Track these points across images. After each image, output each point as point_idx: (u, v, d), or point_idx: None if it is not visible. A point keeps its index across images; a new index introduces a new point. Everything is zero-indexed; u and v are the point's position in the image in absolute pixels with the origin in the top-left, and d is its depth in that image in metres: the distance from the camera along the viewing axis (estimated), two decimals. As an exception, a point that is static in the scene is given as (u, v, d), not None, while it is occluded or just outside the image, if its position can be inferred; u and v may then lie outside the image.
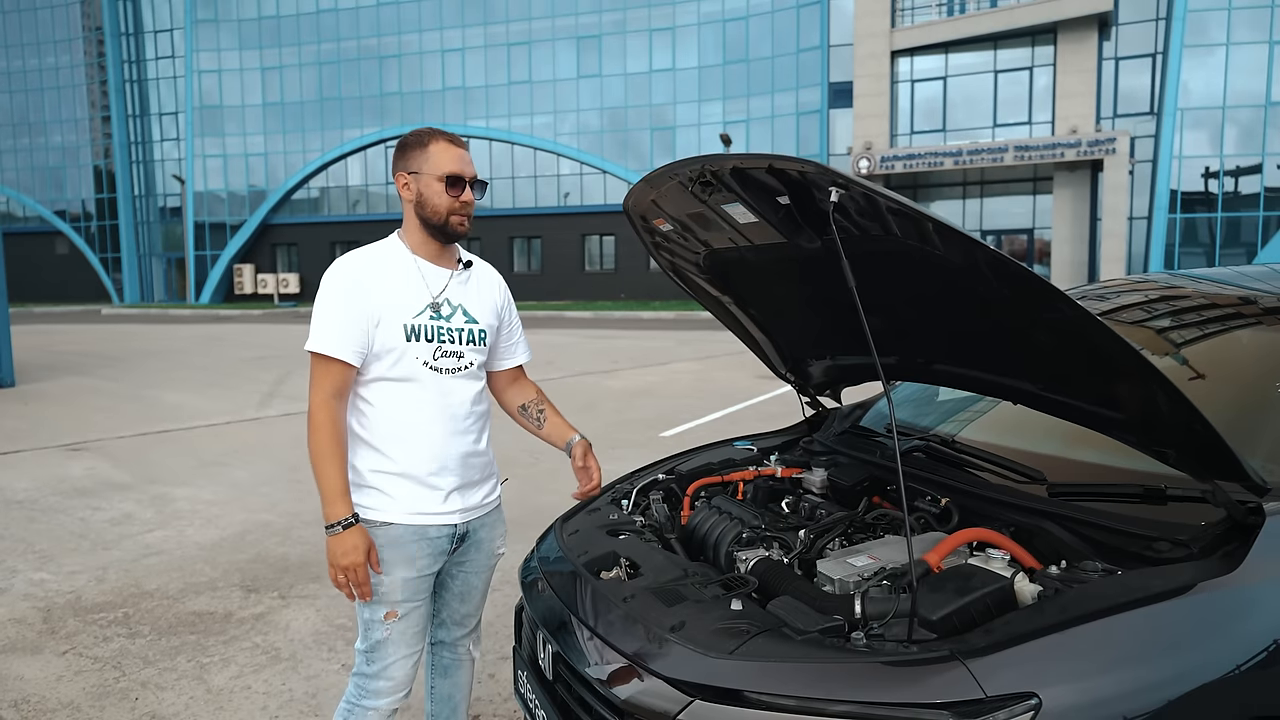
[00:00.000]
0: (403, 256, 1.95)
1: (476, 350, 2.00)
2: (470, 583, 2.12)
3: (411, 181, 1.93)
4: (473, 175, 1.93)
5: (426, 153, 1.91)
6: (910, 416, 2.66)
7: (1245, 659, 1.37)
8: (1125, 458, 1.78)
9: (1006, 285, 1.52)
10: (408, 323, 1.89)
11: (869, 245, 1.66)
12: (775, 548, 1.89)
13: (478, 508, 2.04)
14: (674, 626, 1.53)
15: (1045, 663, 1.31)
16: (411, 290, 1.92)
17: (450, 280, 1.98)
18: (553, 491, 5.15)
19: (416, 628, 1.97)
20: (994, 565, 1.61)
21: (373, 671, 1.95)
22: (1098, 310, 2.58)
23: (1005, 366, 1.90)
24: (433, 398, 1.93)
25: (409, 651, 1.96)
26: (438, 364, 1.93)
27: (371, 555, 1.84)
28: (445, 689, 2.22)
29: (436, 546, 1.96)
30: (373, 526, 1.90)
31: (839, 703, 1.30)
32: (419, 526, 1.92)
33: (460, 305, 1.98)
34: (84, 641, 3.30)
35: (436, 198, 1.90)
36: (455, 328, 1.96)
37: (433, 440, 1.93)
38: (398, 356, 1.89)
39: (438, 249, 1.98)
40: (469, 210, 1.94)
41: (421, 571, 1.94)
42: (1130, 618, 1.38)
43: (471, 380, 2.00)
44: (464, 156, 1.93)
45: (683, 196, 1.94)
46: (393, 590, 1.91)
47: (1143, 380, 1.47)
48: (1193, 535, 1.57)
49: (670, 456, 2.66)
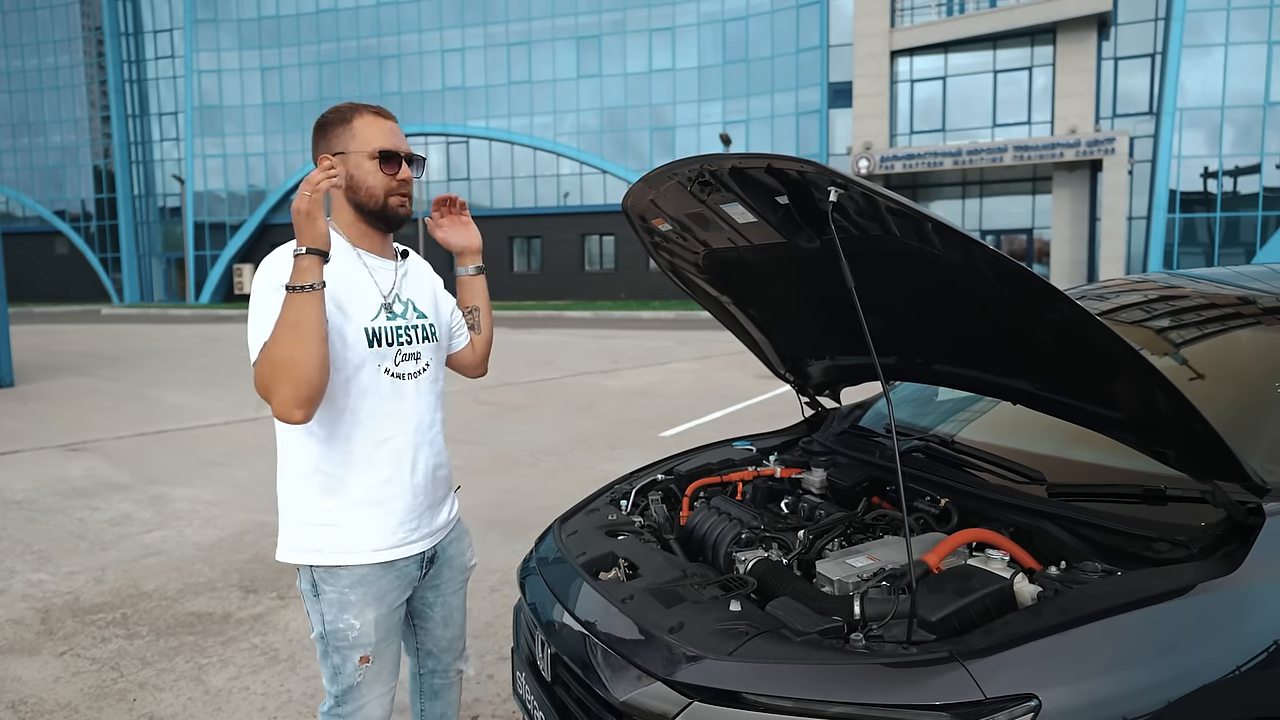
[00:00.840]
0: (346, 250, 1.70)
1: (433, 347, 1.81)
2: (450, 604, 1.97)
3: (338, 164, 1.61)
4: (408, 151, 1.72)
5: (351, 129, 1.67)
6: (910, 416, 2.66)
7: (1245, 660, 1.37)
8: (1125, 458, 1.78)
9: (1006, 285, 1.52)
10: (368, 326, 1.68)
11: (868, 245, 1.65)
12: (774, 548, 1.89)
13: (444, 527, 1.88)
14: (672, 627, 1.52)
15: (1045, 664, 1.31)
16: (364, 288, 1.70)
17: (396, 274, 1.77)
18: (553, 492, 5.15)
19: (391, 664, 1.79)
20: (993, 566, 1.61)
21: (347, 712, 1.75)
22: (1097, 310, 2.58)
23: (1004, 366, 1.89)
24: (397, 409, 1.72)
25: (385, 689, 1.78)
26: (399, 369, 1.72)
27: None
28: (437, 709, 2.08)
29: (406, 576, 1.78)
30: (335, 571, 1.68)
31: (837, 704, 1.30)
32: (386, 564, 1.72)
33: (410, 300, 1.78)
34: (82, 642, 3.30)
35: (370, 178, 1.67)
36: (410, 325, 1.76)
37: (400, 458, 1.73)
38: (358, 366, 1.66)
39: (379, 239, 1.75)
40: (408, 190, 1.72)
41: (393, 605, 1.76)
42: (1130, 619, 1.37)
43: (431, 384, 1.81)
44: (396, 130, 1.71)
45: (681, 196, 1.93)
46: (365, 633, 1.71)
47: (1142, 380, 1.46)
48: (1192, 536, 1.56)
49: (669, 457, 2.65)
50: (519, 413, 8.46)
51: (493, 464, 5.89)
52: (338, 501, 1.69)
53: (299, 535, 1.71)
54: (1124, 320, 2.49)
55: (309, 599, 1.73)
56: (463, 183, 35.21)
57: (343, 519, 1.69)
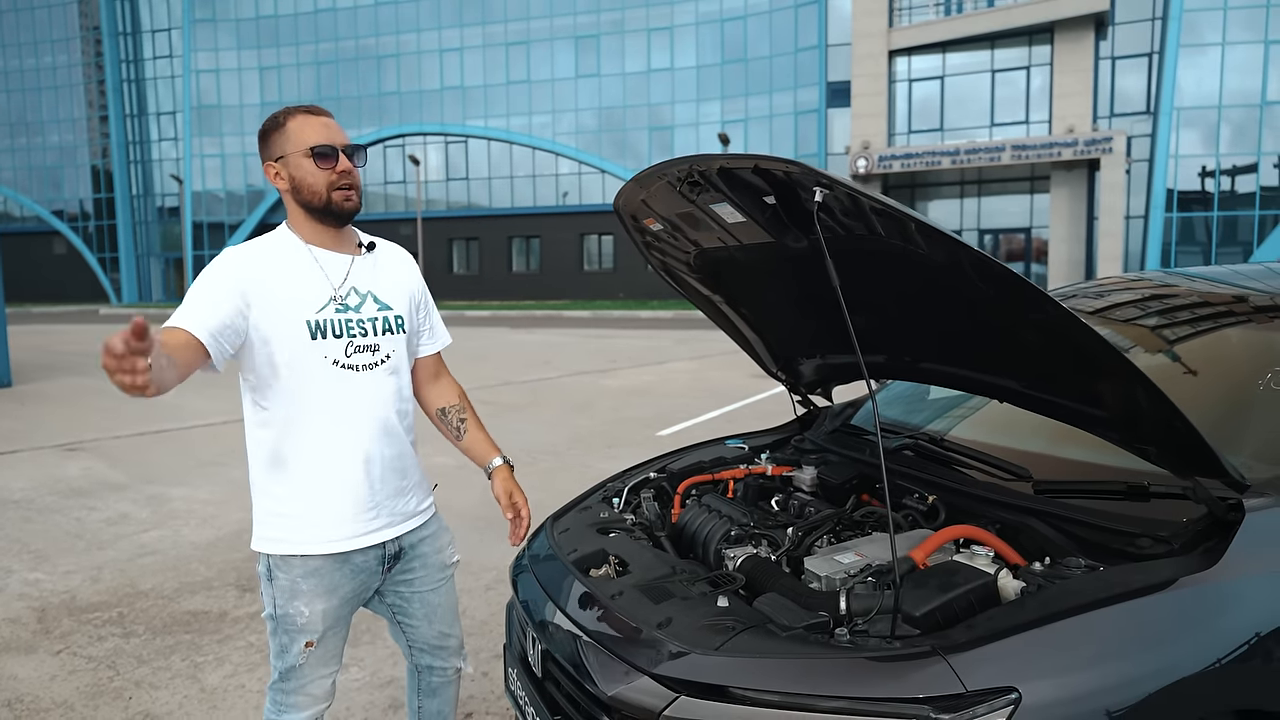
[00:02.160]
0: (295, 246, 1.73)
1: (394, 339, 1.81)
2: (430, 601, 1.94)
3: (280, 168, 1.70)
4: (345, 142, 1.71)
5: (285, 132, 1.69)
6: (901, 415, 2.67)
7: (1225, 653, 1.38)
8: (1111, 455, 1.79)
9: (990, 285, 1.53)
10: (311, 319, 1.69)
11: (854, 244, 1.67)
12: (763, 545, 1.90)
13: (411, 516, 1.87)
14: (661, 623, 1.54)
15: (1025, 658, 1.32)
16: (309, 282, 1.71)
17: (352, 266, 1.78)
18: (549, 491, 5.16)
19: (336, 649, 1.83)
20: (978, 562, 1.62)
21: (290, 688, 1.81)
22: (1091, 308, 2.60)
23: (991, 365, 1.91)
24: (352, 400, 1.73)
25: (327, 672, 1.83)
26: (351, 360, 1.73)
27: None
28: (434, 707, 2.09)
29: (363, 569, 1.80)
30: (289, 560, 1.72)
31: (822, 698, 1.32)
32: (340, 555, 1.75)
33: (370, 292, 1.79)
34: (78, 641, 3.31)
35: (310, 176, 1.68)
36: (367, 317, 1.77)
37: (356, 448, 1.74)
38: (302, 358, 1.68)
39: (333, 234, 1.77)
40: (351, 181, 1.71)
41: (345, 598, 1.79)
42: (1111, 613, 1.39)
43: (392, 375, 1.80)
44: (329, 124, 1.71)
45: (672, 196, 1.95)
46: (313, 621, 1.75)
47: (1123, 379, 1.48)
48: (1174, 532, 1.58)
49: (662, 455, 2.67)
50: (517, 412, 8.48)
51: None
52: (289, 490, 1.73)
53: (261, 523, 1.77)
54: (1116, 318, 2.51)
55: (263, 581, 1.78)
56: (461, 182, 35.22)
57: (294, 509, 1.73)
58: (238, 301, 1.63)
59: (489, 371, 11.53)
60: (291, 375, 1.69)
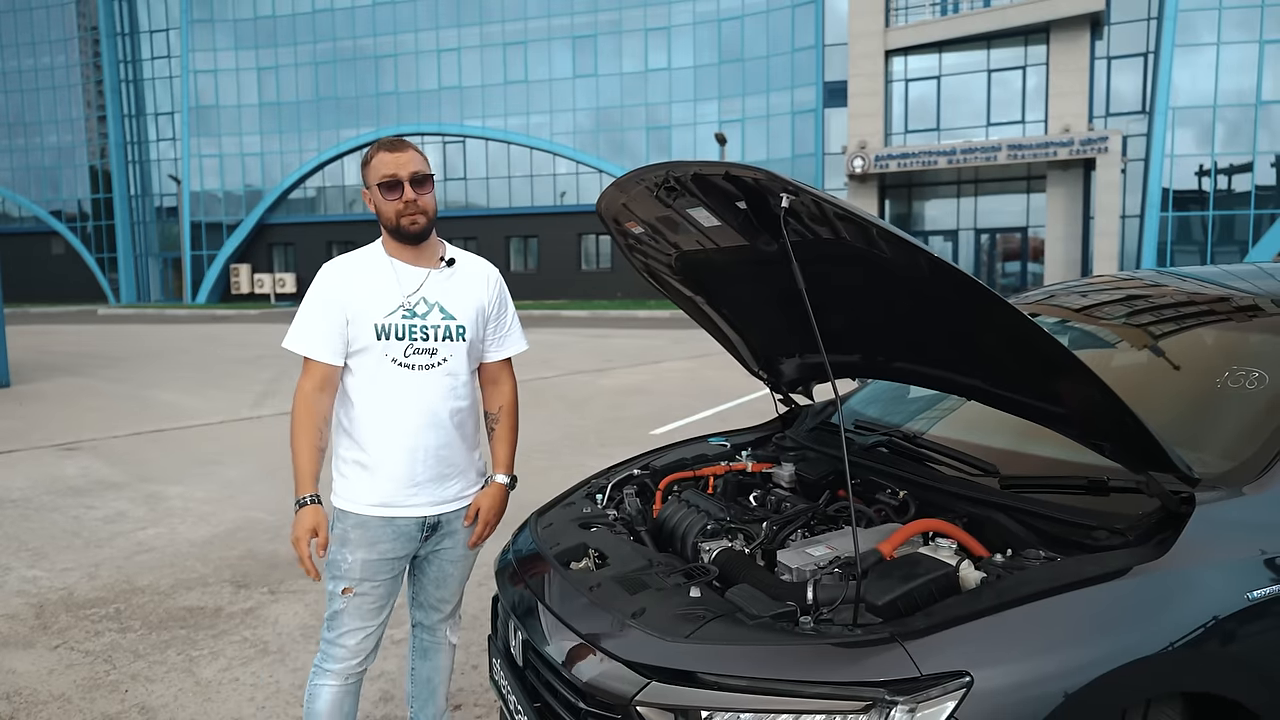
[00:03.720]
0: (380, 260, 2.06)
1: (454, 345, 2.07)
2: (445, 570, 2.20)
3: (369, 196, 2.05)
4: (412, 173, 1.98)
5: (370, 168, 2.01)
6: (881, 413, 2.73)
7: (1172, 639, 1.45)
8: (1076, 452, 1.85)
9: (948, 289, 1.59)
10: (378, 322, 2.00)
11: (824, 249, 1.73)
12: (739, 539, 1.96)
13: (452, 500, 2.13)
14: (635, 613, 1.60)
15: (979, 643, 1.39)
16: (384, 291, 2.02)
17: (427, 279, 2.06)
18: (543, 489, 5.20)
19: (372, 605, 2.07)
20: (941, 554, 1.69)
21: (331, 637, 2.07)
22: (1078, 305, 2.66)
23: (958, 364, 1.97)
24: (405, 393, 2.02)
25: (362, 625, 2.07)
26: (409, 360, 2.02)
27: (320, 536, 1.95)
28: (425, 671, 2.32)
29: (404, 533, 2.07)
30: (343, 512, 2.05)
31: (785, 682, 1.38)
32: (385, 518, 2.04)
33: (438, 303, 2.06)
34: (75, 636, 3.37)
35: (382, 205, 2.00)
36: (431, 325, 2.04)
37: (405, 435, 2.03)
38: (369, 354, 2.01)
39: (413, 250, 2.07)
40: (417, 209, 2.00)
41: (384, 555, 2.05)
42: (1062, 601, 1.45)
43: (447, 376, 2.07)
44: (399, 159, 1.98)
45: (651, 201, 2.01)
46: (353, 569, 2.03)
47: (1076, 377, 1.54)
48: (1130, 524, 1.64)
49: (646, 452, 2.73)
50: (512, 411, 8.53)
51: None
52: (349, 457, 2.06)
53: (334, 478, 2.10)
54: (1097, 316, 2.55)
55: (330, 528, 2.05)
56: (459, 182, 35.23)
57: (350, 472, 2.06)
58: (341, 316, 2.00)
59: (485, 371, 11.55)
60: (360, 368, 2.03)
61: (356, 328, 2.00)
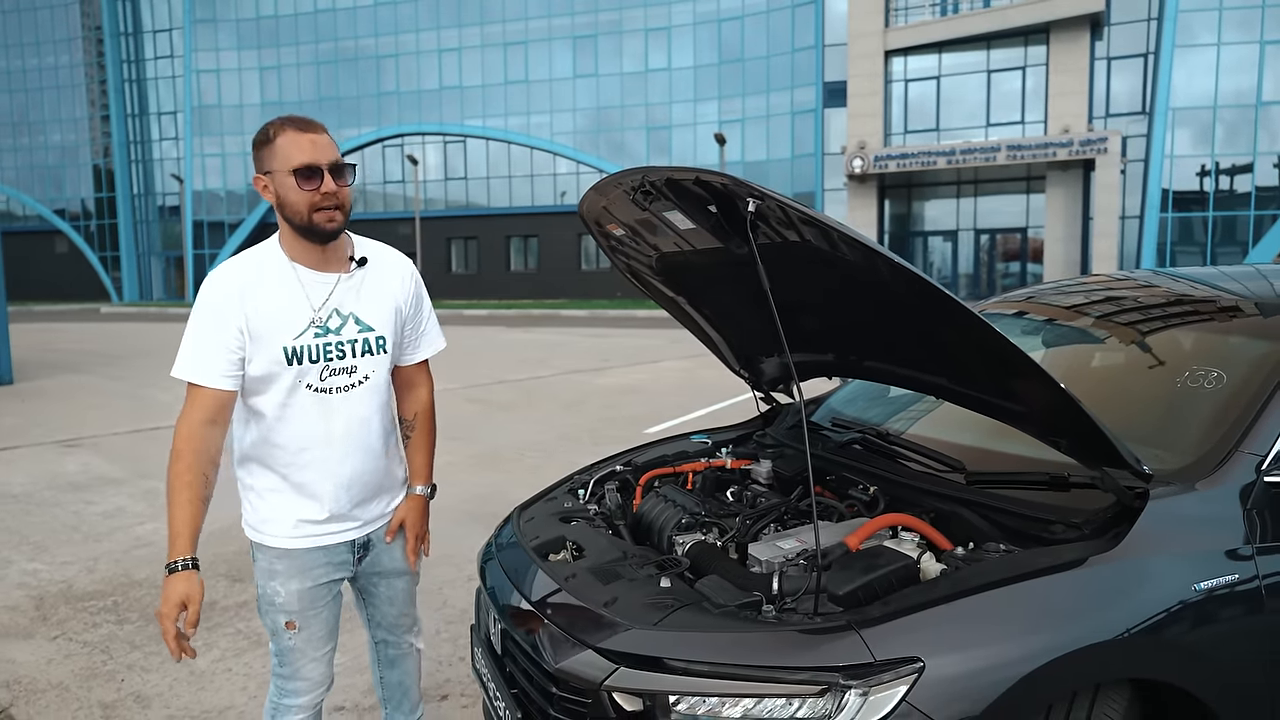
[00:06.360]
0: (280, 266, 1.76)
1: (374, 359, 1.84)
2: (394, 586, 2.05)
3: (269, 182, 1.71)
4: (332, 160, 1.70)
5: (274, 148, 1.69)
6: (859, 412, 2.79)
7: (1121, 628, 1.50)
8: (1039, 450, 1.91)
9: (907, 292, 1.65)
10: (288, 345, 1.74)
11: (793, 251, 1.79)
12: (713, 532, 2.02)
13: (379, 519, 1.97)
14: (607, 602, 1.66)
15: (932, 631, 1.44)
16: (290, 306, 1.74)
17: (336, 287, 1.79)
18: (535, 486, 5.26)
19: (322, 632, 1.91)
20: (905, 547, 1.74)
21: (287, 673, 1.91)
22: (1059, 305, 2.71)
23: (924, 364, 2.03)
24: (326, 421, 1.79)
25: (317, 654, 1.91)
26: (326, 384, 1.78)
27: (190, 611, 1.67)
28: (395, 677, 2.19)
29: (334, 558, 1.90)
30: (261, 546, 1.85)
31: (745, 667, 1.44)
32: (311, 548, 1.86)
33: (352, 313, 1.80)
34: (74, 627, 3.44)
35: (292, 195, 1.69)
36: (346, 340, 1.80)
37: (328, 463, 1.82)
38: (280, 380, 1.75)
39: (318, 252, 1.77)
40: (336, 202, 1.70)
41: (318, 581, 1.88)
42: (1015, 590, 1.51)
43: (369, 395, 1.85)
44: (317, 142, 1.69)
45: (629, 204, 2.07)
46: (289, 601, 1.84)
47: (1030, 377, 1.60)
48: (1086, 518, 1.70)
49: (630, 449, 2.79)
50: (508, 411, 8.60)
51: (479, 460, 6.02)
52: (262, 486, 1.87)
53: (244, 509, 1.92)
54: (1081, 316, 2.59)
55: (253, 562, 1.93)
56: (460, 182, 35.33)
57: (266, 502, 1.86)
58: (237, 335, 1.71)
59: (483, 370, 11.64)
60: (270, 394, 1.77)
61: (260, 349, 1.71)
